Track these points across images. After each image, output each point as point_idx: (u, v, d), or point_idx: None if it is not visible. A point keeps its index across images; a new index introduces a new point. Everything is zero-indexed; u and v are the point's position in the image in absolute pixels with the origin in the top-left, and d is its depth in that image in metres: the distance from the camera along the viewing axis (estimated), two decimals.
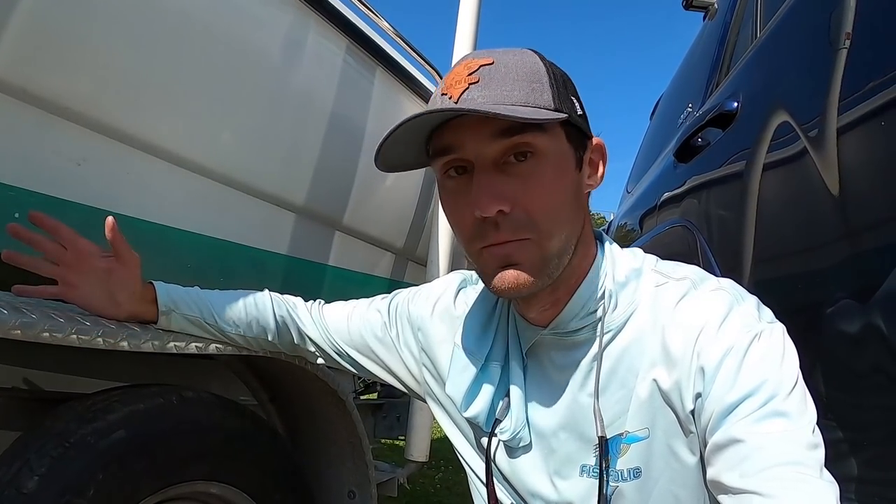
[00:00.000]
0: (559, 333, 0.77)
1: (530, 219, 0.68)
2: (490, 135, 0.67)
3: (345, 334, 1.02)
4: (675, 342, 0.70)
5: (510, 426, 0.79)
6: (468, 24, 1.69)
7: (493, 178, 0.67)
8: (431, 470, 3.74)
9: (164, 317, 0.96)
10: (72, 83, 0.93)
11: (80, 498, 0.86)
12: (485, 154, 0.68)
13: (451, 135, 0.68)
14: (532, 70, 0.69)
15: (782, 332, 0.69)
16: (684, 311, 0.71)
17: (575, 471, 0.78)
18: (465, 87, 0.67)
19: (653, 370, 0.72)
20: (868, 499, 0.86)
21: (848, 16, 0.94)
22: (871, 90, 0.85)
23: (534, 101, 0.67)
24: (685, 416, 0.69)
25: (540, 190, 0.68)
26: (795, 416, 0.61)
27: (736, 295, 0.71)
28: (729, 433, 0.62)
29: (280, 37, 1.32)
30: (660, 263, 0.79)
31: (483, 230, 0.69)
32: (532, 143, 0.67)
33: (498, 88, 0.66)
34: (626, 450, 0.74)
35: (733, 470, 0.60)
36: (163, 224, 1.13)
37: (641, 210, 2.21)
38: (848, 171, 0.90)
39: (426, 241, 1.95)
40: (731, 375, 0.64)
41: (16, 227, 0.87)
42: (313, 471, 1.39)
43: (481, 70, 0.68)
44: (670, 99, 2.56)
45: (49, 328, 0.78)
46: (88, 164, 0.98)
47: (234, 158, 1.25)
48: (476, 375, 0.82)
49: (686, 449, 0.71)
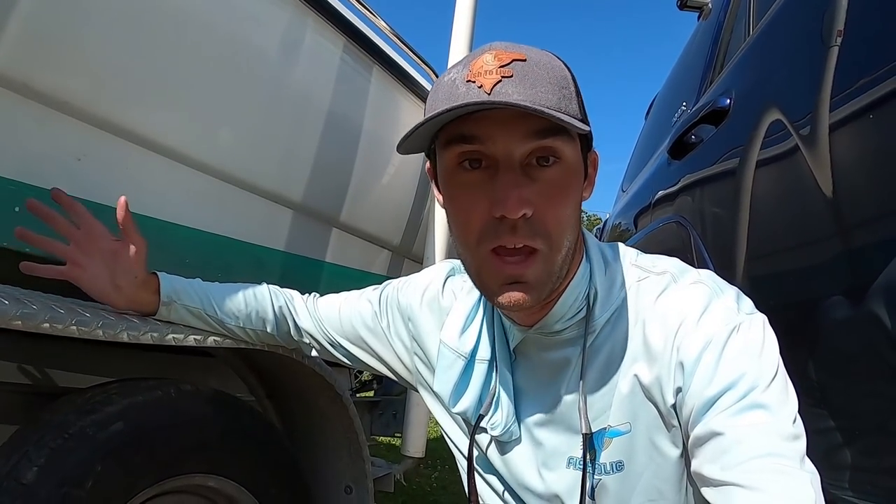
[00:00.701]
0: (545, 333, 0.78)
1: (545, 227, 0.67)
2: (524, 134, 0.64)
3: (337, 325, 1.03)
4: (655, 337, 0.71)
5: (500, 421, 0.80)
6: (464, 20, 1.70)
7: (519, 180, 0.65)
8: (428, 469, 3.74)
9: (166, 307, 0.97)
10: (71, 78, 0.94)
11: (78, 489, 0.87)
12: (514, 153, 0.65)
13: (477, 126, 0.65)
14: (561, 75, 0.67)
15: (762, 323, 0.69)
16: (664, 306, 0.72)
17: (562, 463, 0.79)
18: (497, 80, 0.63)
19: (634, 365, 0.73)
20: (861, 487, 0.87)
21: (840, 13, 0.95)
22: (862, 87, 0.86)
23: (565, 107, 0.64)
24: (666, 410, 0.70)
25: (559, 198, 0.67)
26: (775, 407, 0.62)
27: (715, 287, 0.72)
28: (709, 426, 0.63)
29: (278, 34, 1.32)
30: (640, 258, 0.80)
31: (497, 231, 0.66)
32: (560, 148, 0.66)
33: (533, 88, 0.63)
34: (609, 444, 0.75)
35: (714, 462, 0.61)
36: (162, 220, 1.13)
37: (636, 208, 2.22)
38: (839, 168, 0.91)
39: (422, 239, 1.95)
40: (710, 369, 0.65)
41: (33, 203, 0.88)
42: (310, 466, 1.40)
43: (514, 65, 0.64)
44: (665, 99, 2.58)
45: (49, 319, 0.79)
46: (88, 159, 0.98)
47: (233, 155, 1.26)
48: (462, 371, 0.82)
49: (668, 442, 0.72)
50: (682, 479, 0.74)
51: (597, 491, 0.77)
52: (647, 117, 3.04)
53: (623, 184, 3.01)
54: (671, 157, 1.72)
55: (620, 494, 0.76)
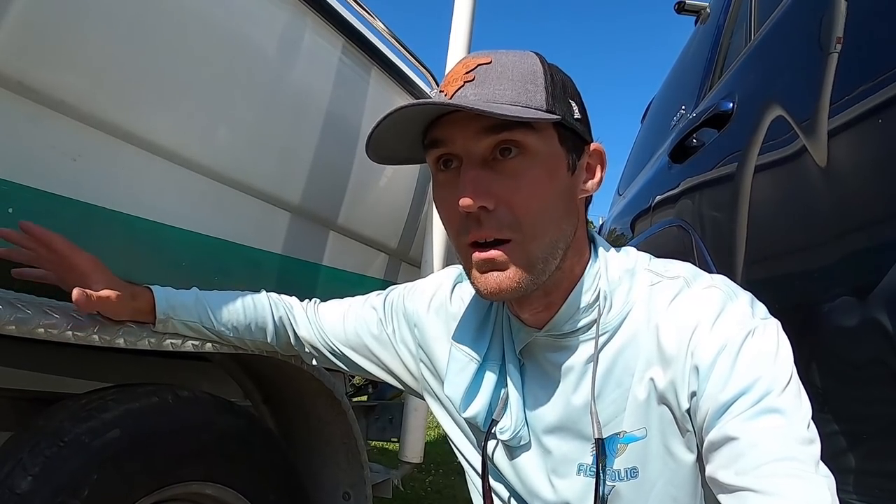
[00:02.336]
0: (554, 335, 0.77)
1: (514, 218, 0.68)
2: (477, 131, 0.67)
3: (340, 334, 1.01)
4: (670, 341, 0.70)
5: (510, 426, 0.79)
6: (463, 23, 1.69)
7: (479, 174, 0.68)
8: (422, 474, 3.73)
9: (162, 324, 0.95)
10: (67, 77, 0.92)
11: (74, 498, 0.85)
12: (472, 149, 0.68)
13: (441, 130, 0.70)
14: (529, 71, 0.69)
15: (776, 328, 0.69)
16: (678, 310, 0.72)
17: (572, 470, 0.78)
18: (460, 85, 0.68)
19: (649, 370, 0.72)
20: (867, 490, 0.87)
21: (839, 21, 0.95)
22: (861, 93, 0.86)
23: (525, 101, 0.67)
24: (681, 414, 0.70)
25: (526, 189, 0.68)
26: (790, 412, 0.62)
27: (729, 292, 0.72)
28: (724, 431, 0.62)
29: (277, 34, 1.31)
30: (653, 262, 0.79)
31: (466, 225, 0.70)
32: (520, 141, 0.68)
33: (491, 87, 0.67)
34: (624, 449, 0.74)
35: (729, 468, 0.61)
36: (158, 221, 1.11)
37: (634, 212, 2.22)
38: (842, 172, 0.91)
39: (420, 243, 1.94)
40: (725, 373, 0.65)
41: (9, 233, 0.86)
42: (308, 472, 1.38)
43: (478, 69, 0.69)
44: (662, 102, 2.58)
45: (44, 324, 0.77)
46: (84, 159, 0.96)
47: (230, 156, 1.24)
48: (474, 376, 0.81)
49: (683, 447, 0.71)
50: (696, 485, 0.73)
51: (609, 498, 0.75)
52: (644, 121, 3.04)
53: (619, 187, 3.01)
54: (672, 161, 1.71)
55: (635, 502, 0.74)
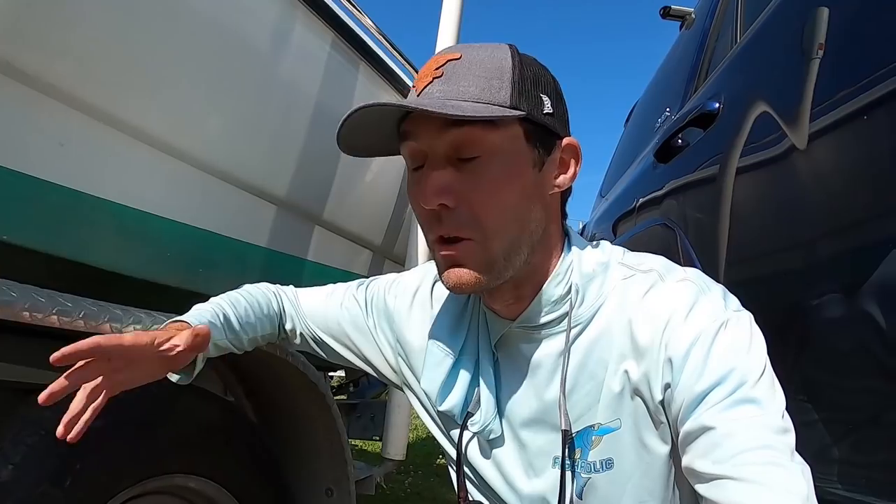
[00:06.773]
0: (527, 327, 0.77)
1: (474, 217, 0.69)
2: (438, 127, 0.68)
3: (321, 322, 1.01)
4: (643, 333, 0.71)
5: (480, 418, 0.80)
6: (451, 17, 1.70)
7: (440, 172, 0.69)
8: (401, 475, 3.71)
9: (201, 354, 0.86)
10: (56, 61, 0.90)
11: (56, 488, 0.83)
12: (435, 147, 0.69)
13: (411, 123, 0.71)
14: (496, 66, 0.69)
15: (749, 320, 0.70)
16: (651, 303, 0.72)
17: (548, 463, 0.78)
18: (429, 81, 0.69)
19: (623, 362, 0.73)
20: (852, 480, 0.88)
21: (821, 28, 0.97)
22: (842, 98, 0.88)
23: (487, 97, 0.67)
24: (655, 406, 0.70)
25: (486, 189, 0.69)
26: (764, 402, 0.62)
27: (702, 285, 0.72)
28: (700, 421, 0.63)
29: (267, 27, 1.30)
30: (627, 256, 0.80)
31: (430, 221, 0.71)
32: (480, 139, 0.68)
33: (455, 84, 0.68)
34: (598, 441, 0.74)
35: (705, 457, 0.61)
36: (144, 210, 1.10)
37: (618, 213, 2.23)
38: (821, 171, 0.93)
39: (404, 240, 1.94)
40: (699, 365, 0.65)
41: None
42: (291, 467, 1.37)
43: (447, 65, 0.69)
44: (646, 105, 2.60)
45: (29, 307, 0.76)
46: (71, 145, 0.95)
47: (217, 146, 1.23)
48: (450, 369, 0.82)
49: (657, 439, 0.72)
50: (670, 477, 0.74)
51: (585, 490, 0.76)
52: (627, 124, 3.07)
53: (602, 189, 3.03)
54: (657, 161, 1.73)
55: (609, 494, 0.75)
